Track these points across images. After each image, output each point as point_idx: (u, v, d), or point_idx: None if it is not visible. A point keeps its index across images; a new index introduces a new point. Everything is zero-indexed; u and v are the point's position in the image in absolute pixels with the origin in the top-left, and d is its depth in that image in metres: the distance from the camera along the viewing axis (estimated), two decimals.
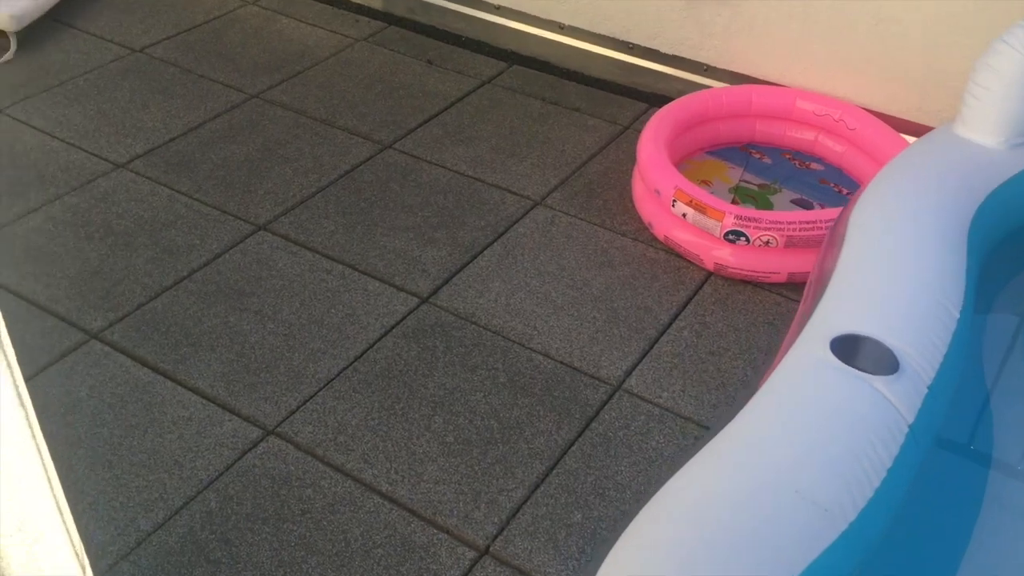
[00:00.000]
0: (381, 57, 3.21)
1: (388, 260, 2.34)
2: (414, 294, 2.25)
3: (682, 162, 2.64)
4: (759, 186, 2.59)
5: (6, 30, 3.04)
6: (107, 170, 2.61)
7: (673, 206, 2.31)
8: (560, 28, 3.14)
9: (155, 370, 2.02)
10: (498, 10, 3.23)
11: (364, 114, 2.91)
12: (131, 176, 2.59)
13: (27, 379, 1.96)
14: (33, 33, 3.16)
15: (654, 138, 2.49)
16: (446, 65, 3.17)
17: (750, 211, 2.24)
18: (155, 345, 2.07)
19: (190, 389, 1.98)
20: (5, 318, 2.13)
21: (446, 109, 2.95)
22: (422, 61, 3.19)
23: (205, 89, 2.98)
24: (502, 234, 2.45)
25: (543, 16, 3.15)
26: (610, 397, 1.99)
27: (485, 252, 2.39)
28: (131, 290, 2.22)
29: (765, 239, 2.20)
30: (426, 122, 2.89)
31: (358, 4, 3.49)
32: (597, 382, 2.03)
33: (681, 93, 2.94)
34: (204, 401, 1.95)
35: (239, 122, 2.84)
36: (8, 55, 3.05)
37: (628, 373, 2.05)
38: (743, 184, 2.60)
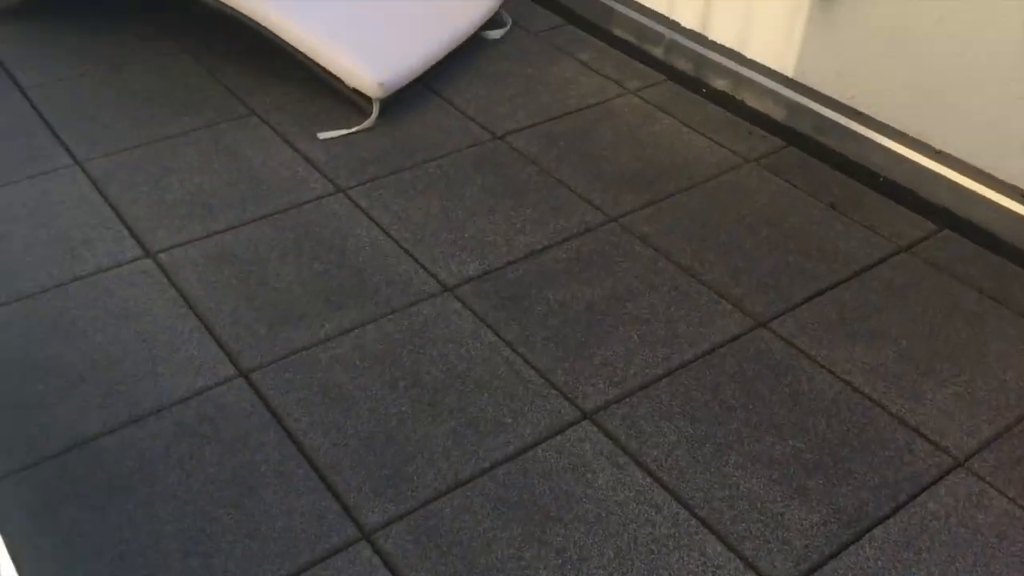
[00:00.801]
0: (772, 188, 2.61)
1: (739, 510, 1.76)
2: None
3: None
4: None
5: (372, 96, 2.82)
6: (433, 292, 2.26)
7: None
8: (1023, 196, 2.36)
9: None
10: (938, 155, 2.50)
11: (739, 269, 2.34)
12: (456, 306, 2.22)
13: None
14: (398, 96, 2.92)
15: None
16: (853, 214, 2.51)
17: None
18: (433, 571, 1.66)
19: None
20: (272, 492, 1.81)
21: (846, 280, 2.30)
22: (824, 203, 2.55)
23: (560, 200, 2.57)
24: (903, 505, 1.78)
25: (1002, 176, 2.38)
26: None
27: (876, 531, 1.73)
28: (422, 474, 1.83)
29: None
30: (817, 295, 2.26)
31: (754, 111, 2.91)
32: None
33: None
34: None
35: (589, 253, 2.39)
36: (367, 122, 2.83)
37: None
38: None
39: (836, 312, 2.22)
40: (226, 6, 2.83)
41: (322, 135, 2.79)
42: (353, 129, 2.81)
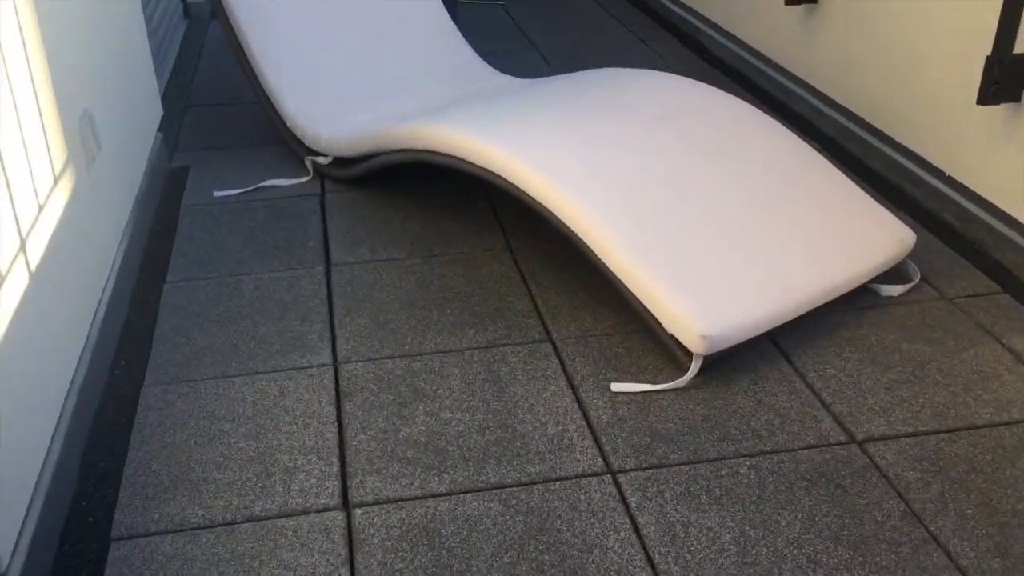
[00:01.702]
0: None
1: None
2: None
3: None
4: None
5: (693, 351, 2.14)
6: None
7: None
8: None
9: None
10: None
11: None
12: None
13: None
14: (730, 349, 2.21)
15: None
16: None
17: None
18: None
19: None
20: None
21: None
22: None
23: (927, 572, 1.65)
24: None
25: None
26: None
27: None
28: None
29: None
30: None
31: None
32: None
33: None
34: None
35: None
36: (679, 381, 2.15)
37: None
38: None
39: None
40: (551, 213, 2.36)
41: (617, 386, 2.15)
42: (658, 387, 2.14)
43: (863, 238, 2.47)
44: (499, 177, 2.46)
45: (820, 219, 2.49)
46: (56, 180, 1.97)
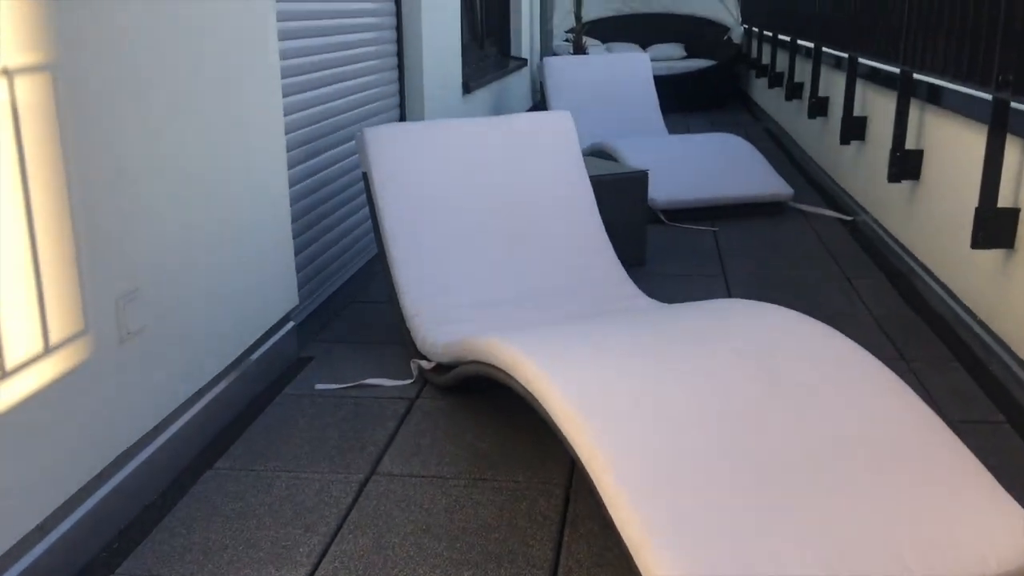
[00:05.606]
0: None
1: None
2: None
3: None
4: None
5: None
6: None
7: None
8: None
9: None
10: None
11: None
12: None
13: None
14: None
15: None
16: None
17: None
18: None
19: None
20: None
21: None
22: None
23: None
24: None
25: None
26: None
27: None
28: None
29: None
30: None
31: None
32: None
33: None
34: None
35: None
36: None
37: None
38: None
39: None
40: (560, 431, 2.04)
41: None
42: None
43: (976, 536, 1.87)
44: (531, 396, 2.20)
45: (914, 501, 1.93)
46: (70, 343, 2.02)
